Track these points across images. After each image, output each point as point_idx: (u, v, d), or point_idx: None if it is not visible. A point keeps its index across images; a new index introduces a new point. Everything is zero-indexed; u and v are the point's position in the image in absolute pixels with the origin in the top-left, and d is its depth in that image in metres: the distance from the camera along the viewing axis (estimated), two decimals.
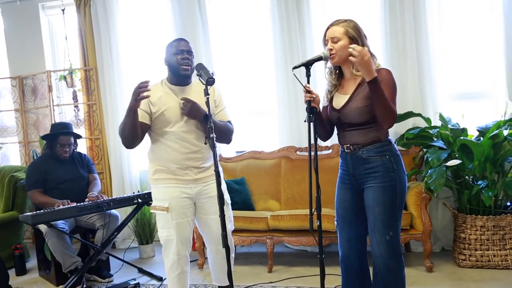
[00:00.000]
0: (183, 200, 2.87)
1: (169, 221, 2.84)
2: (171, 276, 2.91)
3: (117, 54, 5.01)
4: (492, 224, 3.60)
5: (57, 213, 3.57)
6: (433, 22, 4.14)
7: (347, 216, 2.60)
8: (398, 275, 2.48)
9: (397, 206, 2.46)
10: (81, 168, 4.22)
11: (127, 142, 2.82)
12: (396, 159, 2.47)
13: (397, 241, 2.47)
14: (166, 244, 2.88)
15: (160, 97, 2.84)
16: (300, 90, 3.91)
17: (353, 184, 2.55)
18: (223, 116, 3.01)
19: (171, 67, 2.87)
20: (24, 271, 4.43)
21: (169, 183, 2.87)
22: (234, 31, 4.86)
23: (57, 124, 4.27)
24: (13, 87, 5.52)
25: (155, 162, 2.92)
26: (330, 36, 2.49)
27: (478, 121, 3.93)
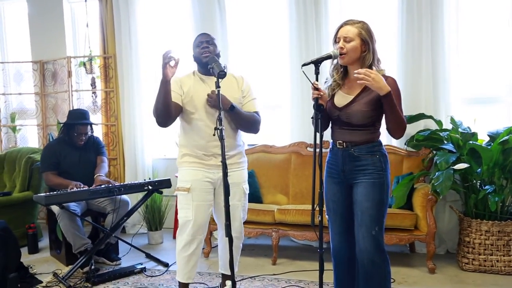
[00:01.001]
0: (205, 183, 2.99)
1: (189, 202, 2.96)
2: (182, 256, 3.01)
3: (136, 44, 5.10)
4: (497, 229, 3.60)
5: (70, 195, 3.68)
6: (450, 25, 4.13)
7: (338, 209, 2.66)
8: (382, 270, 2.53)
9: (384, 203, 2.54)
10: (92, 153, 4.31)
11: (161, 119, 2.92)
12: (384, 159, 2.56)
13: (382, 237, 2.54)
14: (183, 225, 2.99)
15: (190, 84, 3.00)
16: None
17: (341, 179, 2.61)
18: (251, 106, 3.12)
19: (196, 59, 3.05)
20: (36, 250, 4.57)
21: (194, 166, 3.00)
22: (252, 26, 4.91)
23: (75, 112, 4.34)
24: (34, 71, 5.65)
25: (183, 147, 3.07)
26: (342, 34, 2.52)
27: (490, 126, 3.93)
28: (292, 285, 3.50)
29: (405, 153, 4.17)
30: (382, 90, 2.35)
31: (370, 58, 2.49)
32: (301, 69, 2.50)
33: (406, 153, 4.17)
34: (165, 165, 5.19)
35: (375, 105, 2.47)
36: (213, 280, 3.62)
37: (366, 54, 2.50)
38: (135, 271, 3.84)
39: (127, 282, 3.68)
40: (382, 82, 2.35)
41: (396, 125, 2.46)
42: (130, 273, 3.81)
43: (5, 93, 5.77)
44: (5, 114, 5.76)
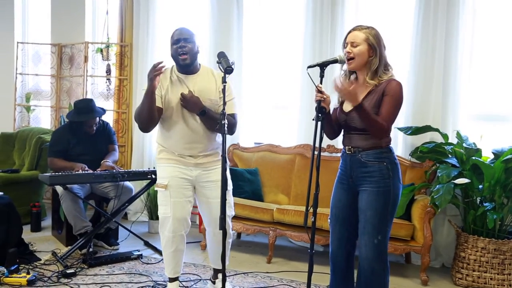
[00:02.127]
0: (182, 180, 3.00)
1: (167, 199, 2.98)
2: (166, 252, 3.06)
3: (153, 34, 5.17)
4: (494, 247, 3.60)
5: (74, 177, 3.75)
6: (464, 40, 4.12)
7: (340, 216, 2.68)
8: (381, 279, 2.55)
9: (389, 212, 2.53)
10: (102, 141, 4.35)
11: (143, 125, 2.94)
12: (393, 167, 2.54)
13: (385, 246, 2.54)
14: (163, 221, 3.02)
15: (167, 84, 2.97)
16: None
17: (349, 185, 2.63)
18: (229, 108, 3.02)
19: (173, 57, 2.99)
20: (38, 228, 4.67)
21: (171, 163, 3.02)
22: (268, 25, 4.94)
23: (80, 106, 4.24)
24: (52, 53, 5.75)
25: (160, 144, 3.08)
26: (350, 40, 2.56)
27: (496, 144, 3.92)
28: (284, 284, 3.53)
29: (409, 164, 4.18)
30: (353, 102, 2.41)
31: (376, 63, 2.52)
32: (307, 70, 2.54)
33: (410, 163, 4.17)
34: None
35: (378, 108, 2.49)
36: (206, 273, 3.67)
37: (372, 59, 2.53)
38: (132, 257, 3.91)
39: (123, 267, 3.75)
40: (353, 96, 2.39)
41: (371, 130, 2.48)
42: (127, 259, 3.89)
43: (23, 73, 5.88)
44: (20, 94, 5.87)
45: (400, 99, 2.53)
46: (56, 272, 3.51)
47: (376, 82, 2.54)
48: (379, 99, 2.51)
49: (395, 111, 2.52)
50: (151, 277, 3.55)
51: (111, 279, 3.49)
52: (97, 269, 3.66)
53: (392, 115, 2.50)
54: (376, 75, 2.55)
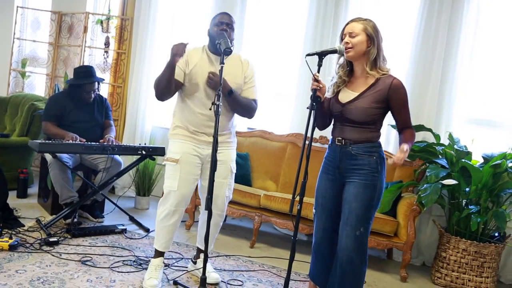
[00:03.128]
0: (194, 157, 3.03)
1: (176, 173, 2.99)
2: (163, 225, 3.05)
3: (155, 10, 5.13)
4: (475, 249, 3.63)
5: (63, 146, 3.73)
6: (465, 44, 4.13)
7: (326, 206, 2.69)
8: (358, 271, 2.57)
9: (374, 206, 2.56)
10: (99, 113, 4.33)
11: (159, 94, 2.98)
12: (381, 161, 2.57)
13: (366, 238, 2.56)
14: (167, 194, 3.02)
15: (197, 61, 3.00)
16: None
17: (336, 176, 2.64)
18: (250, 93, 3.13)
19: (211, 37, 3.02)
20: (25, 195, 4.66)
21: (185, 140, 3.04)
22: (270, 12, 4.91)
23: (81, 71, 4.24)
24: (52, 21, 5.69)
25: (176, 119, 3.10)
26: (348, 31, 2.57)
27: (487, 148, 3.95)
28: (265, 269, 3.56)
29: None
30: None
31: (374, 53, 2.53)
32: (305, 58, 2.53)
33: None
34: (163, 133, 5.23)
35: (379, 103, 2.51)
36: (189, 252, 3.68)
37: (371, 49, 2.53)
38: (116, 231, 3.91)
39: (106, 239, 3.75)
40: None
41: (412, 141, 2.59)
42: (111, 232, 3.89)
43: (20, 38, 5.81)
44: (16, 59, 5.81)
45: (407, 98, 2.59)
46: (39, 239, 3.50)
47: (377, 74, 2.54)
48: (382, 96, 2.51)
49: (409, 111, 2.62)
50: (134, 252, 3.56)
51: (93, 250, 3.49)
52: (80, 239, 3.67)
53: (409, 115, 2.61)
54: (375, 65, 2.55)
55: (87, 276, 3.04)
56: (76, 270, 3.10)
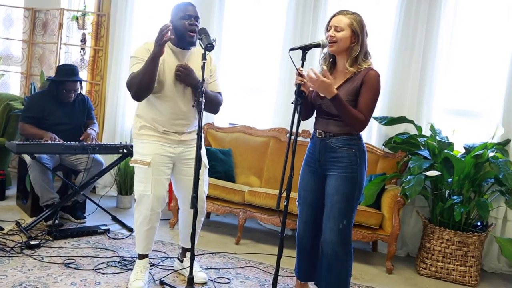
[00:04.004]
0: (165, 158, 2.94)
1: (148, 176, 2.90)
2: (141, 230, 2.99)
3: (131, 5, 5.04)
4: (458, 239, 3.67)
5: (43, 147, 3.63)
6: (444, 35, 4.15)
7: (308, 198, 2.70)
8: (344, 264, 2.58)
9: (355, 198, 2.57)
10: (81, 113, 4.21)
11: (140, 92, 2.78)
12: (361, 154, 2.58)
13: (349, 231, 2.58)
14: (141, 199, 2.94)
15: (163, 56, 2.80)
16: None
17: (316, 169, 2.64)
18: (215, 87, 3.07)
19: (178, 31, 2.85)
20: (2, 197, 4.55)
21: (154, 140, 2.93)
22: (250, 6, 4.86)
23: (64, 68, 4.14)
24: (25, 18, 5.54)
25: (142, 118, 2.97)
26: (334, 23, 2.55)
27: (468, 139, 3.99)
28: (251, 266, 3.54)
29: (382, 154, 4.21)
30: (329, 94, 2.41)
31: (357, 51, 2.52)
32: (288, 53, 2.50)
33: (383, 153, 4.21)
34: None
35: (354, 96, 2.50)
36: (174, 251, 3.64)
37: (354, 46, 2.52)
38: (99, 231, 3.84)
39: (89, 241, 3.68)
40: (328, 87, 2.39)
41: (350, 122, 2.49)
42: (93, 233, 3.82)
43: None
44: None
45: (378, 90, 2.55)
46: (19, 243, 3.42)
47: (355, 69, 2.54)
48: (356, 88, 2.51)
49: (373, 103, 2.54)
50: (118, 252, 3.50)
51: (76, 252, 3.42)
52: (62, 241, 3.59)
53: (371, 106, 2.52)
54: (356, 62, 2.55)
55: (71, 279, 2.98)
56: (60, 273, 3.03)
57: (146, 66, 2.72)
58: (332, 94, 2.41)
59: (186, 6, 2.88)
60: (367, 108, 2.49)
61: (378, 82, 2.52)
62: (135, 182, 2.99)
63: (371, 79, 2.49)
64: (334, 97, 2.41)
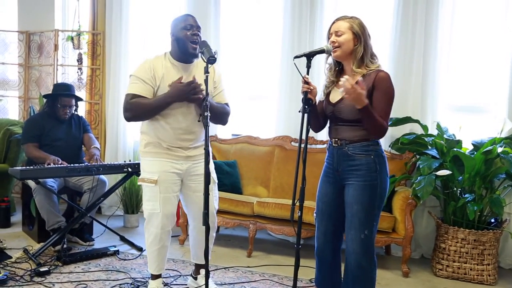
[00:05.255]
0: (172, 175, 2.89)
1: (156, 194, 2.86)
2: (152, 249, 2.94)
3: (126, 22, 5.01)
4: (474, 238, 3.62)
5: (46, 171, 3.59)
6: (443, 32, 4.13)
7: (326, 210, 2.63)
8: (368, 274, 2.52)
9: (376, 206, 2.49)
10: (77, 130, 4.24)
11: (135, 119, 2.88)
12: (380, 160, 2.50)
13: (372, 240, 2.51)
14: (150, 217, 2.90)
15: (162, 72, 2.84)
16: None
17: (335, 179, 2.58)
18: (221, 98, 3.02)
19: (179, 41, 2.82)
20: (8, 224, 4.48)
21: (160, 157, 2.89)
22: (246, 14, 4.83)
23: (59, 85, 4.27)
24: (20, 41, 5.51)
25: (147, 135, 2.93)
26: (334, 29, 2.52)
27: (475, 135, 3.94)
28: (266, 279, 3.48)
29: (389, 155, 4.13)
30: (360, 104, 2.33)
31: (361, 52, 2.47)
32: (293, 61, 2.46)
33: (390, 155, 4.15)
34: None
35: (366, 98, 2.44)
36: (186, 268, 3.58)
37: (357, 47, 2.48)
38: (108, 253, 3.79)
39: (99, 263, 3.62)
40: (361, 98, 2.31)
41: (373, 129, 2.43)
42: (103, 255, 3.76)
43: None
44: None
45: (392, 93, 2.49)
46: (28, 271, 3.35)
47: (364, 71, 2.49)
48: (369, 91, 2.45)
49: (390, 107, 2.49)
50: (129, 274, 3.43)
51: (87, 276, 3.36)
52: (72, 266, 3.52)
53: (388, 111, 2.47)
54: (362, 63, 2.50)
55: None
56: None
57: (157, 105, 2.76)
58: (363, 104, 2.33)
59: (186, 17, 2.87)
60: (385, 114, 2.43)
61: (391, 84, 2.46)
62: (143, 201, 2.94)
63: (383, 82, 2.43)
64: (365, 107, 2.33)
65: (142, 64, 2.89)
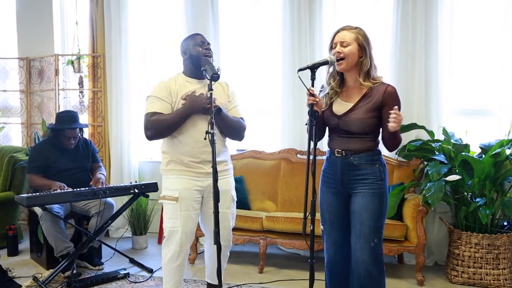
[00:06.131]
0: (194, 192, 2.88)
1: (176, 212, 2.85)
2: (170, 267, 2.90)
3: (126, 43, 5.00)
4: (487, 242, 3.57)
5: (53, 197, 3.56)
6: (444, 36, 4.12)
7: (334, 220, 2.61)
8: (378, 283, 2.50)
9: (383, 214, 2.51)
10: (85, 158, 4.17)
11: (160, 137, 2.88)
12: (384, 168, 2.53)
13: (380, 249, 2.50)
14: (170, 235, 2.87)
15: (177, 89, 2.86)
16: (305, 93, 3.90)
17: (338, 189, 2.56)
18: (236, 113, 3.02)
19: (193, 58, 2.87)
20: (16, 252, 4.44)
21: (182, 174, 2.88)
22: (245, 29, 4.83)
23: (63, 115, 4.12)
24: (20, 68, 5.52)
25: (168, 154, 2.93)
26: (339, 40, 2.50)
27: (482, 138, 3.91)
28: None
29: (396, 163, 4.13)
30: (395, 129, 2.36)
31: (367, 64, 2.47)
32: (297, 74, 2.45)
33: (397, 163, 4.13)
34: (151, 168, 5.08)
35: (374, 112, 2.45)
36: None
37: (363, 60, 2.48)
38: (119, 277, 3.74)
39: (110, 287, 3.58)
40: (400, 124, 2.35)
41: (392, 146, 2.51)
42: (113, 279, 3.72)
43: None
44: None
45: (400, 106, 2.47)
46: None
47: (371, 84, 2.48)
48: (377, 105, 2.45)
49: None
50: None
51: None
52: None
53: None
54: (369, 76, 2.50)
55: None
56: None
57: (176, 119, 2.80)
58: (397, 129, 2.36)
59: (196, 35, 2.97)
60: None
61: (398, 98, 2.49)
62: (164, 219, 2.92)
63: (393, 97, 2.46)
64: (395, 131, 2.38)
65: (157, 85, 2.93)
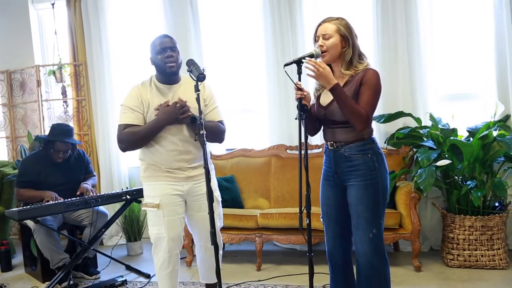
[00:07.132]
0: (174, 197, 2.84)
1: (160, 218, 2.81)
2: (162, 274, 2.88)
3: (107, 50, 4.96)
4: (481, 224, 3.61)
5: (44, 209, 3.51)
6: (424, 23, 4.16)
7: (331, 213, 2.61)
8: (381, 273, 2.50)
9: (380, 204, 2.48)
10: (78, 170, 4.08)
11: (130, 149, 2.86)
12: (378, 157, 2.48)
13: (381, 239, 2.49)
14: (157, 242, 2.85)
15: (149, 98, 2.83)
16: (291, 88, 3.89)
17: (336, 181, 2.56)
18: (215, 115, 2.97)
19: (157, 66, 2.86)
20: (9, 267, 4.38)
21: (160, 180, 2.85)
22: (226, 28, 4.83)
23: (58, 128, 4.00)
24: (1, 81, 5.45)
25: (145, 160, 2.90)
26: (321, 32, 2.49)
27: (468, 122, 3.96)
28: None
29: (386, 152, 4.14)
30: (328, 84, 2.35)
31: (349, 54, 2.47)
32: (283, 69, 2.43)
33: (386, 151, 4.14)
34: None
35: (355, 98, 2.41)
36: None
37: (346, 50, 2.47)
38: (116, 284, 3.72)
39: None
40: (328, 77, 2.34)
41: (351, 116, 2.37)
42: (111, 287, 3.69)
43: None
44: None
45: (378, 87, 2.45)
46: None
47: (352, 72, 2.48)
48: (357, 89, 2.44)
49: (374, 100, 2.44)
50: None
51: None
52: None
53: (371, 103, 2.42)
54: (351, 65, 2.49)
55: None
56: None
57: (149, 131, 2.76)
58: (331, 84, 2.34)
59: (161, 39, 2.88)
60: (367, 104, 2.38)
61: (378, 80, 2.43)
62: (149, 226, 2.90)
63: (370, 78, 2.41)
64: (334, 87, 2.34)
65: (130, 92, 2.89)
